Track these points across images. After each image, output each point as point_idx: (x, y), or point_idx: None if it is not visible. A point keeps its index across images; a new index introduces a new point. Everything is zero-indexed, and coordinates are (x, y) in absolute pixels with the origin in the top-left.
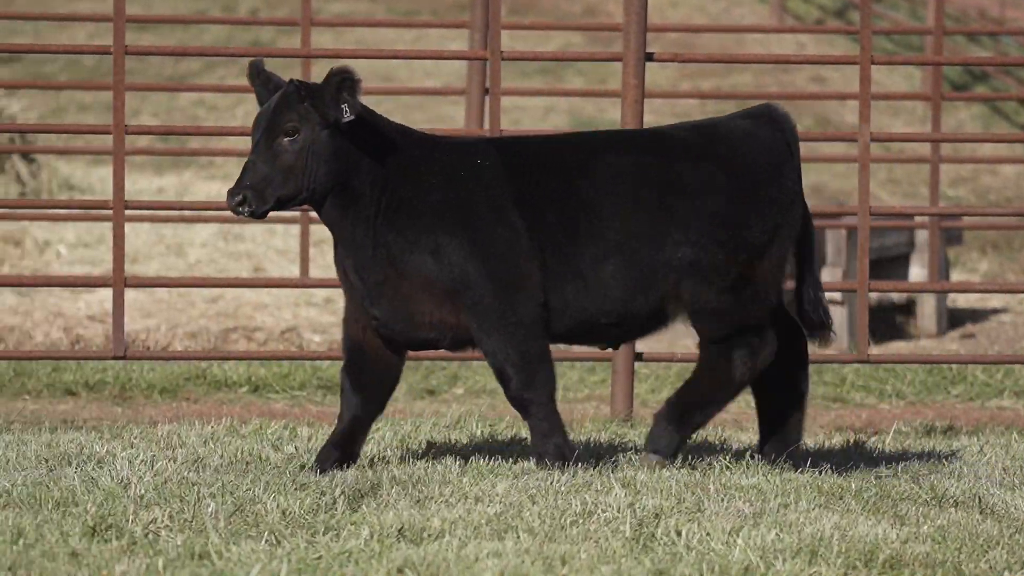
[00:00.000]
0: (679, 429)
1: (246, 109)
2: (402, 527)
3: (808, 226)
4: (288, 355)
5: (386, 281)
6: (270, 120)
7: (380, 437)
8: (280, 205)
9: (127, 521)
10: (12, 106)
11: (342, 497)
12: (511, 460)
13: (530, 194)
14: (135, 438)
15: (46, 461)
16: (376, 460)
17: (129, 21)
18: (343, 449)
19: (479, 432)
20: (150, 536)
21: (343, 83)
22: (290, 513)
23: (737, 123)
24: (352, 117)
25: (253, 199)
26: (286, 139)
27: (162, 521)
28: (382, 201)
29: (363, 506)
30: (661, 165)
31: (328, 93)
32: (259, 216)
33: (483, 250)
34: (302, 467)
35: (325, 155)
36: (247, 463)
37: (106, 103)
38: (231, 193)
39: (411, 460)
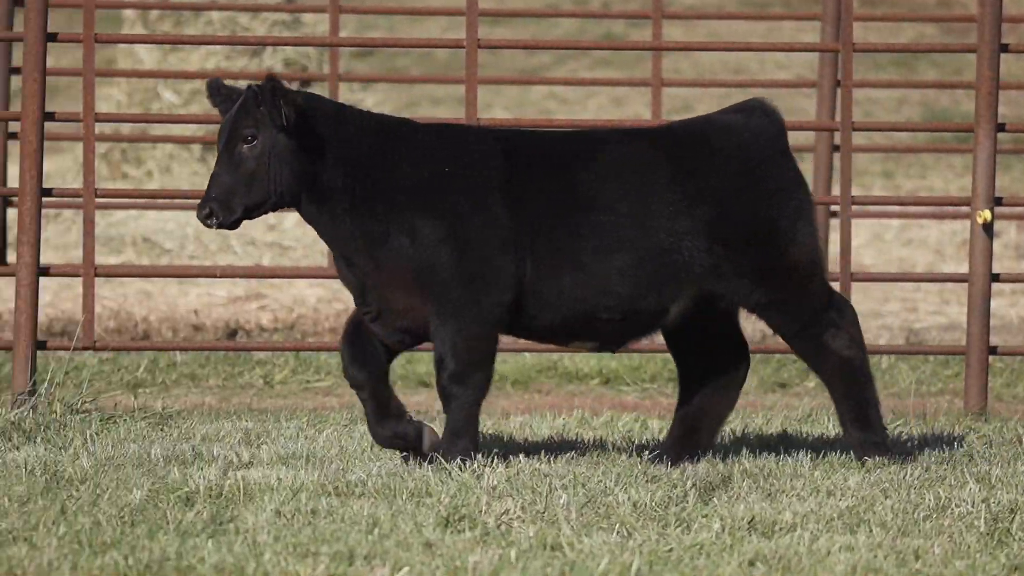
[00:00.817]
0: (875, 433)
1: (598, 102)
2: (753, 520)
3: None
4: (639, 347)
5: (370, 270)
6: (230, 129)
7: (731, 430)
8: (249, 213)
9: (480, 512)
10: (367, 100)
11: (693, 490)
12: None
13: (524, 186)
14: (488, 429)
15: (400, 452)
16: (728, 453)
17: (482, 15)
18: None
19: (830, 426)
20: (503, 527)
21: (275, 91)
22: (641, 505)
23: (732, 118)
24: (287, 123)
25: (219, 211)
26: (245, 146)
27: (514, 512)
28: (356, 190)
29: (714, 499)
30: (668, 159)
31: (267, 102)
32: (229, 227)
33: (456, 237)
34: (653, 459)
35: (287, 156)
36: (598, 455)
37: (458, 97)
38: (199, 207)
39: (762, 453)
